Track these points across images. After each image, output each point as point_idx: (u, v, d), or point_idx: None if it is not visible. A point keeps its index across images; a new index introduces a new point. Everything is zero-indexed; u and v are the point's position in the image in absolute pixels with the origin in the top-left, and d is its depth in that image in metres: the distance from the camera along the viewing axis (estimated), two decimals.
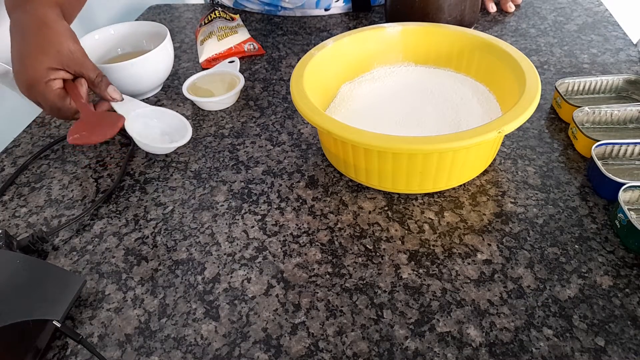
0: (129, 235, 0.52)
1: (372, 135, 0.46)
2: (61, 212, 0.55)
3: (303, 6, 0.91)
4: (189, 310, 0.44)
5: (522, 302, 0.42)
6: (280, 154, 0.61)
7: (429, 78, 0.64)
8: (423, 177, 0.50)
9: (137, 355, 0.41)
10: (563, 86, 0.63)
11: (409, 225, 0.50)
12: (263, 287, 0.45)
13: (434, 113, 0.58)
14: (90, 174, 0.61)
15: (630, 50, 0.74)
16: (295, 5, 0.91)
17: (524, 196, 0.52)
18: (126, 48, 0.77)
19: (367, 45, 0.64)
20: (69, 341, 0.42)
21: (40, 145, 0.66)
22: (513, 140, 0.59)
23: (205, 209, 0.54)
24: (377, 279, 0.45)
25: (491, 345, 0.39)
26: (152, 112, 0.63)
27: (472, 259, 0.46)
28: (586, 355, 0.38)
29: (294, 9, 0.92)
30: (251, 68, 0.79)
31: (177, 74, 0.79)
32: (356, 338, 0.41)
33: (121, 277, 0.47)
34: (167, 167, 0.60)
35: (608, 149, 0.53)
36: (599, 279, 0.43)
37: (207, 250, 0.49)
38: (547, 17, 0.85)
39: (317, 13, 0.93)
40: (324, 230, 0.50)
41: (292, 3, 0.90)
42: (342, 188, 0.55)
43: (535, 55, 0.75)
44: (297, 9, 0.92)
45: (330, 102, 0.62)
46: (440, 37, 0.63)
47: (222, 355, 0.40)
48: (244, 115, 0.68)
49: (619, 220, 0.46)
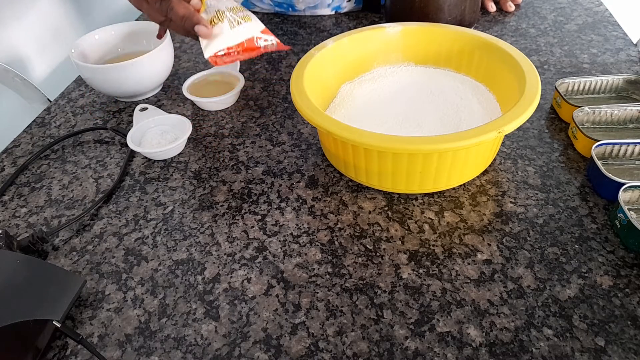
0: (129, 235, 0.52)
1: (372, 135, 0.46)
2: (61, 212, 0.55)
3: (316, 7, 0.91)
4: (189, 310, 0.44)
5: (522, 302, 0.42)
6: (280, 154, 0.61)
7: (429, 78, 0.64)
8: (423, 177, 0.50)
9: (137, 355, 0.41)
10: (563, 86, 0.63)
11: (409, 225, 0.50)
12: (263, 287, 0.45)
13: (434, 113, 0.58)
14: (90, 174, 0.61)
15: (630, 50, 0.74)
16: (308, 5, 0.91)
17: (524, 196, 0.52)
18: (126, 48, 0.77)
19: (367, 45, 0.64)
20: (69, 341, 0.42)
21: (40, 145, 0.66)
22: (513, 140, 0.59)
23: (205, 209, 0.54)
24: (377, 279, 0.45)
25: (491, 345, 0.39)
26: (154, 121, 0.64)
27: (472, 259, 0.46)
28: (586, 355, 0.38)
29: (305, 9, 0.92)
30: (251, 68, 0.79)
31: (177, 74, 0.79)
32: (356, 338, 0.41)
33: (121, 277, 0.47)
34: (167, 167, 0.60)
35: (608, 149, 0.53)
36: (599, 279, 0.43)
37: (207, 250, 0.49)
38: (547, 17, 0.85)
39: (328, 13, 0.93)
40: (324, 230, 0.50)
41: (305, 3, 0.90)
42: (342, 188, 0.55)
43: (535, 55, 0.75)
44: (309, 9, 0.92)
45: (330, 102, 0.62)
46: (440, 37, 0.64)
47: (222, 355, 0.40)
48: (244, 115, 0.68)
49: (619, 220, 0.46)
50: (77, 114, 0.72)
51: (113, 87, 0.69)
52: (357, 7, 0.93)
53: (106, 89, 0.69)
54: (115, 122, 0.69)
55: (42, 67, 0.93)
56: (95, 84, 0.69)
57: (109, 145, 0.65)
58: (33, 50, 0.92)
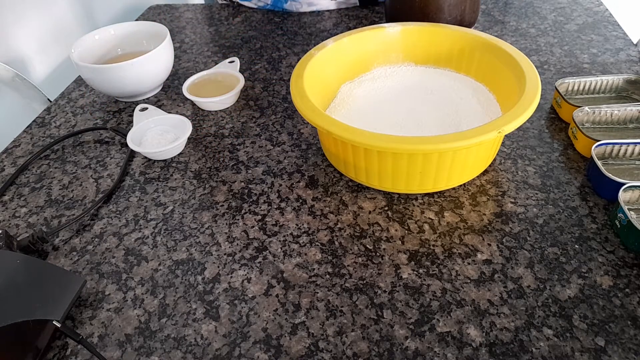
0: (129, 235, 0.52)
1: (372, 135, 0.46)
2: (61, 212, 0.55)
3: None
4: (189, 310, 0.44)
5: (522, 302, 0.42)
6: (280, 154, 0.61)
7: (429, 78, 0.64)
8: (423, 177, 0.50)
9: (137, 355, 0.41)
10: (563, 86, 0.63)
11: (409, 225, 0.50)
12: (263, 287, 0.45)
13: (434, 113, 0.58)
14: (90, 174, 0.61)
15: (630, 50, 0.74)
16: None
17: (524, 196, 0.52)
18: (126, 48, 0.77)
19: (367, 45, 0.64)
20: (69, 341, 0.42)
21: (40, 145, 0.66)
22: (513, 140, 0.59)
23: (205, 209, 0.54)
24: (377, 279, 0.45)
25: (491, 345, 0.39)
26: (153, 122, 0.64)
27: (472, 259, 0.46)
28: (586, 355, 0.38)
29: (301, 1, 0.92)
30: (251, 68, 0.79)
31: (177, 74, 0.79)
32: (356, 338, 0.41)
33: (121, 277, 0.47)
34: (167, 167, 0.60)
35: (608, 149, 0.53)
36: (599, 279, 0.43)
37: (207, 250, 0.49)
38: (547, 17, 0.85)
39: (324, 6, 0.93)
40: (324, 230, 0.50)
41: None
42: (342, 188, 0.55)
43: (535, 55, 0.75)
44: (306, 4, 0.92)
45: (330, 102, 0.62)
46: (440, 37, 0.64)
47: (222, 355, 0.40)
48: (244, 115, 0.68)
49: (619, 220, 0.46)
50: (77, 114, 0.72)
51: (113, 87, 0.69)
52: (354, 2, 0.93)
53: (106, 89, 0.69)
54: (115, 122, 0.69)
55: (42, 67, 0.94)
56: (95, 84, 0.69)
57: (109, 145, 0.65)
58: (33, 50, 0.92)
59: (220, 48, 0.86)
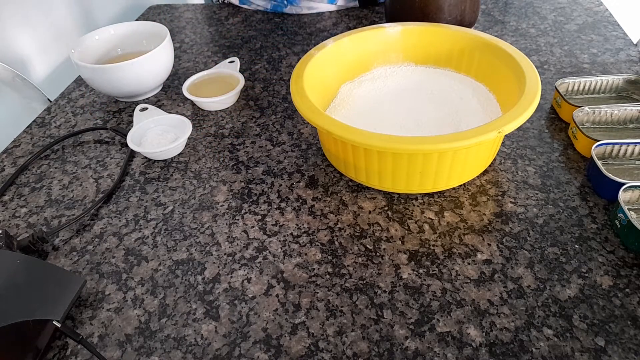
0: (129, 235, 0.52)
1: (372, 135, 0.46)
2: (61, 212, 0.55)
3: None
4: (189, 310, 0.44)
5: (522, 302, 0.42)
6: (280, 154, 0.61)
7: (429, 78, 0.64)
8: (423, 177, 0.50)
9: (137, 355, 0.41)
10: (563, 86, 0.63)
11: (409, 225, 0.50)
12: (263, 287, 0.45)
13: (434, 113, 0.58)
14: (90, 174, 0.61)
15: (630, 50, 0.74)
16: None
17: (524, 196, 0.52)
18: (126, 48, 0.77)
19: (367, 45, 0.64)
20: (69, 341, 0.42)
21: (40, 145, 0.66)
22: (513, 140, 0.59)
23: (205, 209, 0.54)
24: (377, 279, 0.45)
25: (491, 345, 0.39)
26: (153, 121, 0.64)
27: (472, 259, 0.46)
28: (586, 355, 0.38)
29: (301, 2, 0.92)
30: (251, 68, 0.79)
31: (177, 74, 0.79)
32: (356, 338, 0.41)
33: (121, 277, 0.47)
34: (167, 167, 0.60)
35: (608, 149, 0.53)
36: (599, 279, 0.43)
37: (207, 250, 0.49)
38: (547, 17, 0.85)
39: (324, 8, 0.93)
40: (324, 230, 0.50)
41: None
42: (342, 188, 0.55)
43: (535, 55, 0.75)
44: (305, 1, 0.92)
45: (330, 102, 0.62)
46: (440, 37, 0.64)
47: (222, 355, 0.40)
48: (244, 115, 0.68)
49: (619, 220, 0.46)
50: (77, 114, 0.72)
51: (113, 87, 0.69)
52: (354, 3, 0.93)
53: (106, 89, 0.69)
54: (115, 122, 0.69)
55: (42, 67, 0.94)
56: (95, 84, 0.69)
57: (109, 145, 0.65)
58: (33, 50, 0.92)
59: (220, 48, 0.86)
